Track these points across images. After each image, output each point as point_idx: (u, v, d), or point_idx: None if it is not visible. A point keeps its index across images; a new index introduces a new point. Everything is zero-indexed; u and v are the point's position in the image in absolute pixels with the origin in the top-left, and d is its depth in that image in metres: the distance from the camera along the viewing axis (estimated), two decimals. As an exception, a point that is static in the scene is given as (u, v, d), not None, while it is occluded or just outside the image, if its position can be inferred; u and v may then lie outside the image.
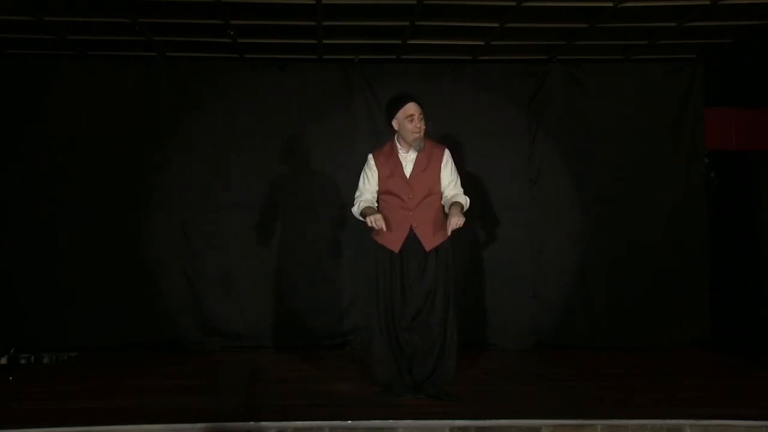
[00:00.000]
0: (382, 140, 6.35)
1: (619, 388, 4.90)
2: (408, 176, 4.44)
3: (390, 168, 4.46)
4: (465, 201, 4.44)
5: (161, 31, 5.85)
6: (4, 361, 6.01)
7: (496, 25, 5.66)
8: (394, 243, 4.42)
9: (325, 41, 6.05)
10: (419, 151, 4.44)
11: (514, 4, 5.24)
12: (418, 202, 4.40)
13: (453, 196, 4.43)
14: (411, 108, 4.39)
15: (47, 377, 5.38)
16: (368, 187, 4.51)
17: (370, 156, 4.57)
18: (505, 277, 6.41)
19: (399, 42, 6.09)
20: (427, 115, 4.50)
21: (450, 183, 4.47)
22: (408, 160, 4.47)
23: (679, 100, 6.55)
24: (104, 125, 6.33)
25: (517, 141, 6.52)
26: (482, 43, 6.12)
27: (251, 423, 3.92)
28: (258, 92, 6.43)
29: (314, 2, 5.19)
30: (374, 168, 4.50)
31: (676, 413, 4.04)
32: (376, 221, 4.28)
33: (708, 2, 5.20)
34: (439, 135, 6.38)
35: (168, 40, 6.03)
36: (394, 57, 6.48)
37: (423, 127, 4.41)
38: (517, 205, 6.47)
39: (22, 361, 6.10)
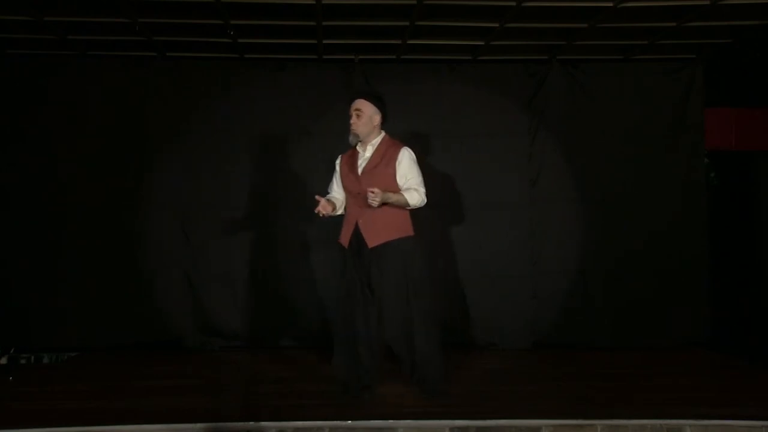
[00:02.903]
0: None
1: (619, 388, 4.90)
2: (359, 173, 4.47)
3: (349, 165, 4.54)
4: (409, 196, 4.39)
5: (161, 31, 5.85)
6: (4, 361, 6.00)
7: (496, 25, 5.67)
8: (344, 238, 4.51)
9: (325, 41, 6.05)
10: (356, 146, 4.51)
11: (514, 4, 5.24)
12: (366, 199, 4.34)
13: (404, 191, 4.41)
14: (351, 106, 4.50)
15: (47, 377, 5.37)
16: (334, 185, 4.66)
17: (339, 156, 4.68)
18: (505, 277, 6.41)
19: (399, 42, 6.09)
20: (384, 110, 4.53)
21: (405, 181, 4.44)
22: (363, 158, 4.52)
23: (679, 100, 6.54)
24: (104, 125, 6.33)
25: (517, 141, 6.51)
26: (482, 43, 6.12)
27: (251, 423, 3.93)
28: (258, 92, 6.43)
29: (314, 2, 5.19)
30: (337, 167, 4.64)
31: (676, 413, 4.05)
32: (322, 206, 4.38)
33: (708, 2, 5.20)
34: (439, 135, 6.45)
35: (168, 40, 6.03)
36: (394, 57, 6.48)
37: (358, 122, 4.44)
38: (517, 205, 6.47)
39: (22, 361, 6.09)
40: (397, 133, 6.30)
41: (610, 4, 5.24)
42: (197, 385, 4.96)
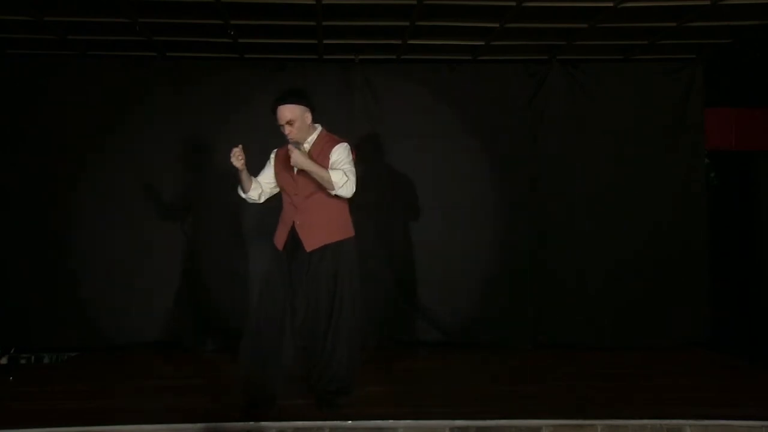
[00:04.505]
0: (382, 140, 6.43)
1: (619, 388, 4.90)
2: (295, 171, 4.22)
3: (283, 163, 4.27)
4: (334, 174, 4.06)
5: (161, 31, 5.84)
6: (4, 361, 6.00)
7: (496, 25, 5.66)
8: (279, 240, 4.28)
9: (325, 41, 6.05)
10: (299, 148, 4.18)
11: (514, 4, 5.24)
12: (303, 199, 4.20)
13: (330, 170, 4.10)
14: (278, 117, 4.19)
15: (47, 377, 5.37)
16: (261, 177, 4.38)
17: (274, 151, 4.44)
18: (504, 277, 6.41)
19: (399, 42, 6.09)
20: (311, 104, 4.25)
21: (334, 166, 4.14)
22: None
23: (679, 100, 6.54)
24: (104, 125, 6.32)
25: (517, 141, 6.51)
26: (482, 43, 6.12)
27: (251, 423, 3.93)
28: (258, 92, 6.42)
29: (314, 2, 5.19)
30: (271, 162, 4.40)
31: (676, 413, 4.05)
32: (236, 154, 4.07)
33: (708, 2, 5.20)
34: (439, 135, 6.44)
35: (168, 40, 6.03)
36: (394, 57, 6.47)
37: (293, 131, 4.16)
38: (517, 205, 6.47)
39: (22, 361, 6.09)
40: (397, 133, 6.39)
41: (610, 4, 5.24)
42: (197, 385, 4.95)
